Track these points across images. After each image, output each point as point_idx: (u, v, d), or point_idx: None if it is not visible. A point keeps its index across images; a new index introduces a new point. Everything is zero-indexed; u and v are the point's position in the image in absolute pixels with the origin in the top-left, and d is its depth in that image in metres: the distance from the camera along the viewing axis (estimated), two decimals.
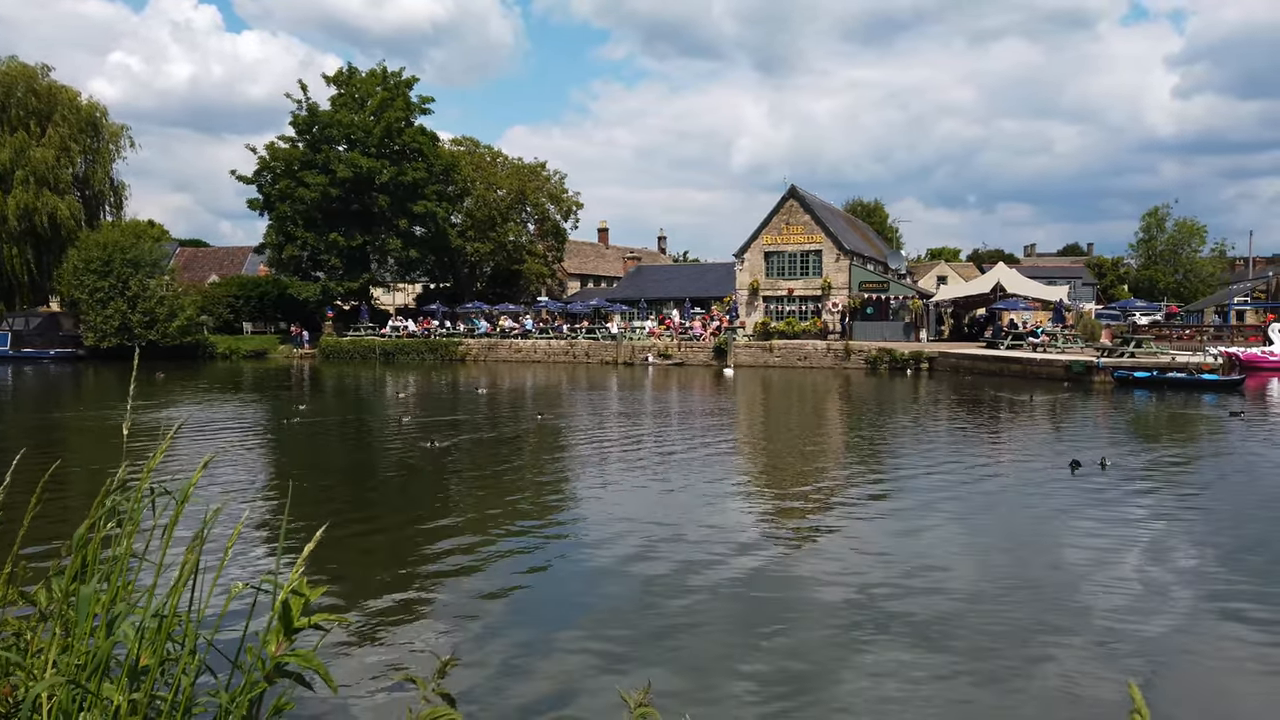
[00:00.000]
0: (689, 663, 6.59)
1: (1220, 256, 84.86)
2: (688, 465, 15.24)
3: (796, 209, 50.92)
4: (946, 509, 11.56)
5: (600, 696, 5.89)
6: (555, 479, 14.35)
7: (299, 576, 2.48)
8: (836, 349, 44.18)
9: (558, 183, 65.67)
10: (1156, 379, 31.21)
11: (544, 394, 30.93)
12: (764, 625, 7.36)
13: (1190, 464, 15.53)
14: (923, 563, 9.05)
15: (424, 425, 20.51)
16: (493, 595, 8.21)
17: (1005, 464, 15.45)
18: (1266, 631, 7.13)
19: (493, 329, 55.13)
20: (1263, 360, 38.71)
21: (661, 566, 8.95)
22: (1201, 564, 9.11)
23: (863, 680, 6.27)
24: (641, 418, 22.96)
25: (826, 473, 14.82)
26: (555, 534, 10.46)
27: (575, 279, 76.16)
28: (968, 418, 23.01)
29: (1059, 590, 8.24)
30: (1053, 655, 6.65)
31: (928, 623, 7.32)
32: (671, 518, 11.11)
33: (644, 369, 44.11)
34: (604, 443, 18.13)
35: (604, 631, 7.25)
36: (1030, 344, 40.83)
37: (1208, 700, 6.02)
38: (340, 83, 57.53)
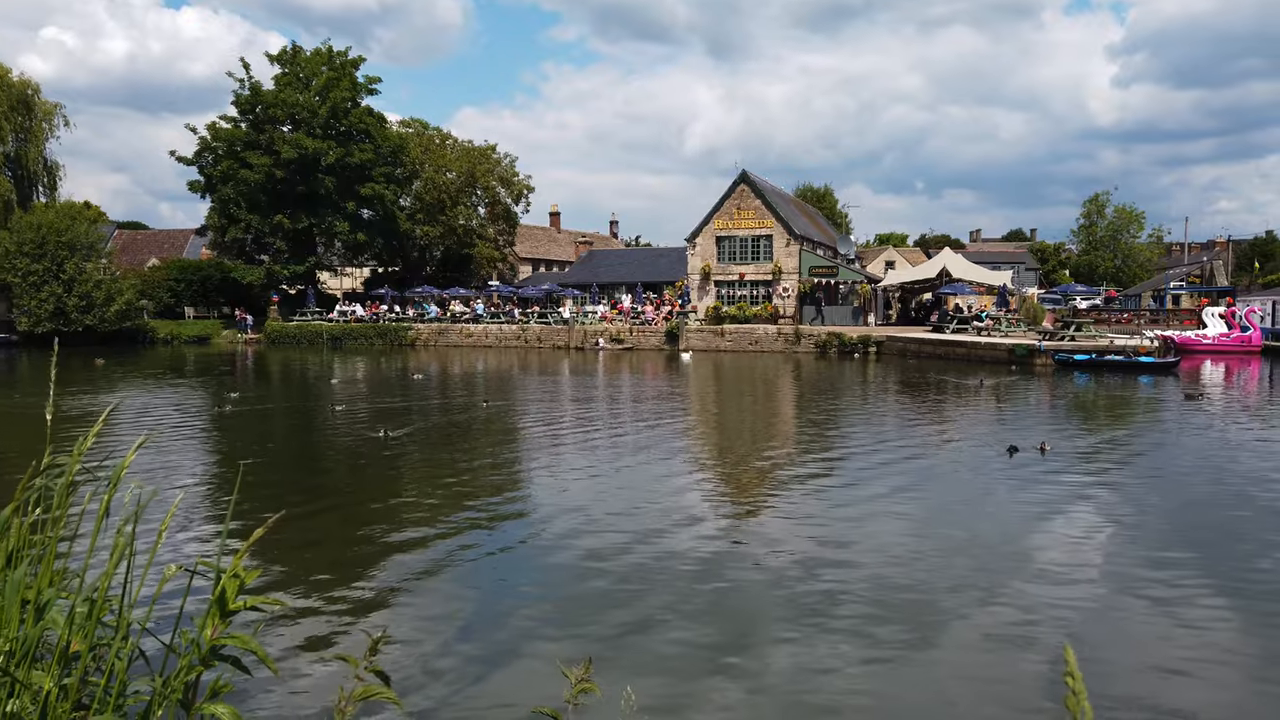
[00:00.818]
0: (634, 640, 6.65)
1: (1157, 242, 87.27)
2: (639, 449, 15.31)
3: (748, 194, 51.15)
4: (891, 491, 11.78)
5: (542, 673, 5.93)
6: (503, 463, 14.32)
7: (237, 560, 2.46)
8: (787, 333, 44.60)
9: (508, 165, 65.07)
10: (1096, 362, 32.09)
11: (495, 379, 30.76)
12: (709, 602, 7.46)
13: (1129, 446, 16.00)
14: (867, 541, 9.23)
15: (360, 412, 20.29)
16: (436, 575, 8.19)
17: (949, 447, 15.78)
18: (1190, 603, 7.42)
19: (443, 313, 54.59)
20: (1196, 343, 40.00)
21: (608, 547, 9.00)
22: (1134, 540, 9.42)
23: (806, 653, 6.39)
24: (593, 402, 22.98)
25: (776, 455, 15.00)
26: (501, 516, 10.45)
27: (527, 263, 75.69)
28: (914, 401, 23.43)
29: (997, 564, 8.46)
30: (990, 624, 6.85)
31: (870, 596, 7.49)
32: (621, 500, 11.17)
33: (595, 354, 44.08)
34: (555, 427, 18.12)
35: (548, 611, 7.29)
36: (975, 328, 41.67)
37: (1134, 665, 6.24)
38: (284, 62, 56.22)
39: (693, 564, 8.50)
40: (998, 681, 6.00)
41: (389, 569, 8.40)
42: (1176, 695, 5.78)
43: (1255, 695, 5.81)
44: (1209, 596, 7.59)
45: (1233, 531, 9.69)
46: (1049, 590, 7.73)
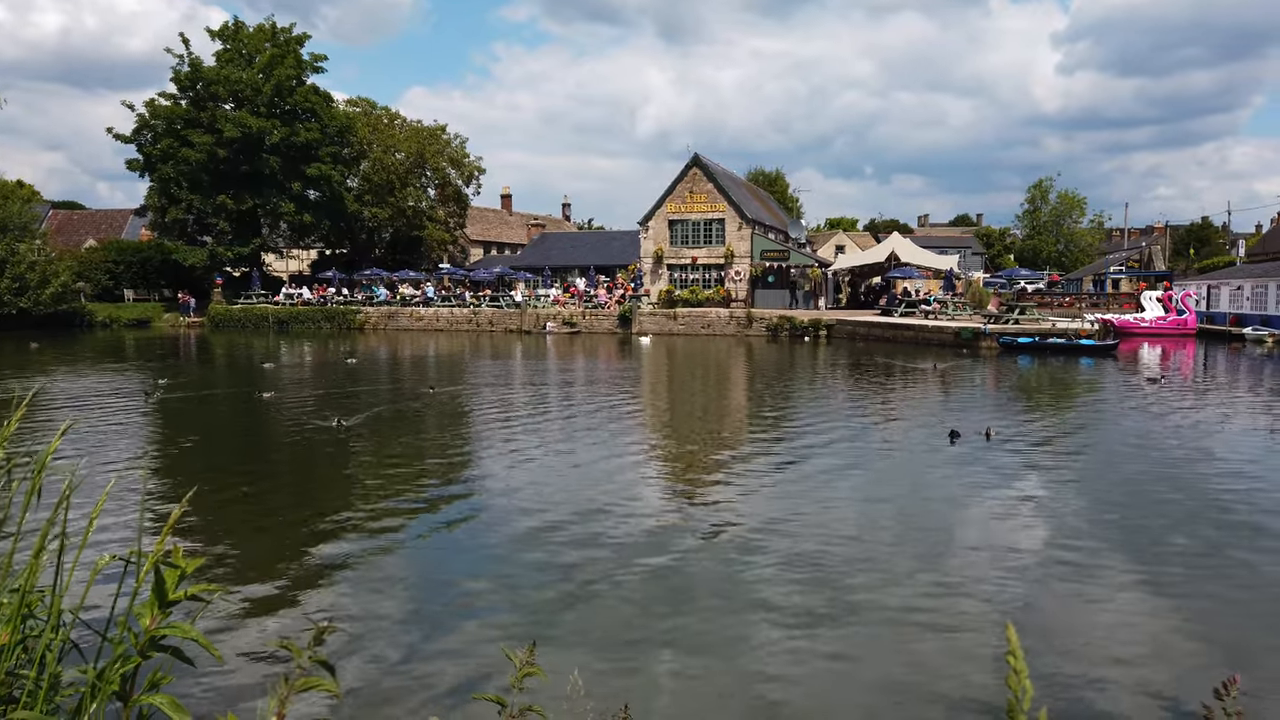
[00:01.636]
0: (582, 622, 6.65)
1: (1098, 228, 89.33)
2: (590, 433, 15.29)
3: (700, 178, 51.19)
4: (838, 474, 11.95)
5: (488, 659, 5.91)
6: (452, 449, 14.19)
7: (176, 547, 2.38)
8: (739, 316, 44.84)
9: (459, 146, 64.27)
10: (1039, 344, 32.84)
11: (446, 363, 30.47)
12: (657, 583, 7.49)
13: (1072, 429, 16.41)
14: (813, 522, 9.34)
15: (293, 400, 19.97)
16: (384, 562, 8.11)
17: (897, 430, 16.03)
18: (1130, 585, 7.65)
19: (393, 297, 53.86)
20: (1135, 326, 41.15)
21: (558, 531, 8.99)
22: (1077, 522, 9.67)
23: (752, 633, 6.45)
24: (546, 386, 22.89)
25: (726, 439, 15.10)
26: (451, 502, 10.38)
27: (478, 246, 74.94)
28: (863, 385, 23.74)
29: (940, 545, 8.63)
30: (933, 603, 6.98)
31: (815, 577, 7.58)
32: (571, 483, 11.17)
33: (544, 337, 43.90)
34: (506, 412, 18.02)
35: (497, 595, 7.26)
36: (922, 311, 42.31)
37: (1071, 643, 6.41)
38: (226, 38, 54.73)
39: (641, 546, 8.53)
40: (940, 659, 6.12)
41: (336, 556, 8.29)
42: (1116, 676, 5.95)
43: (1189, 675, 6.01)
44: (1147, 576, 7.82)
45: (1169, 513, 10.00)
46: (993, 571, 7.90)
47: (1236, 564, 8.05)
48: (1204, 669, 5.87)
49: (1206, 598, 7.26)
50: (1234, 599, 7.23)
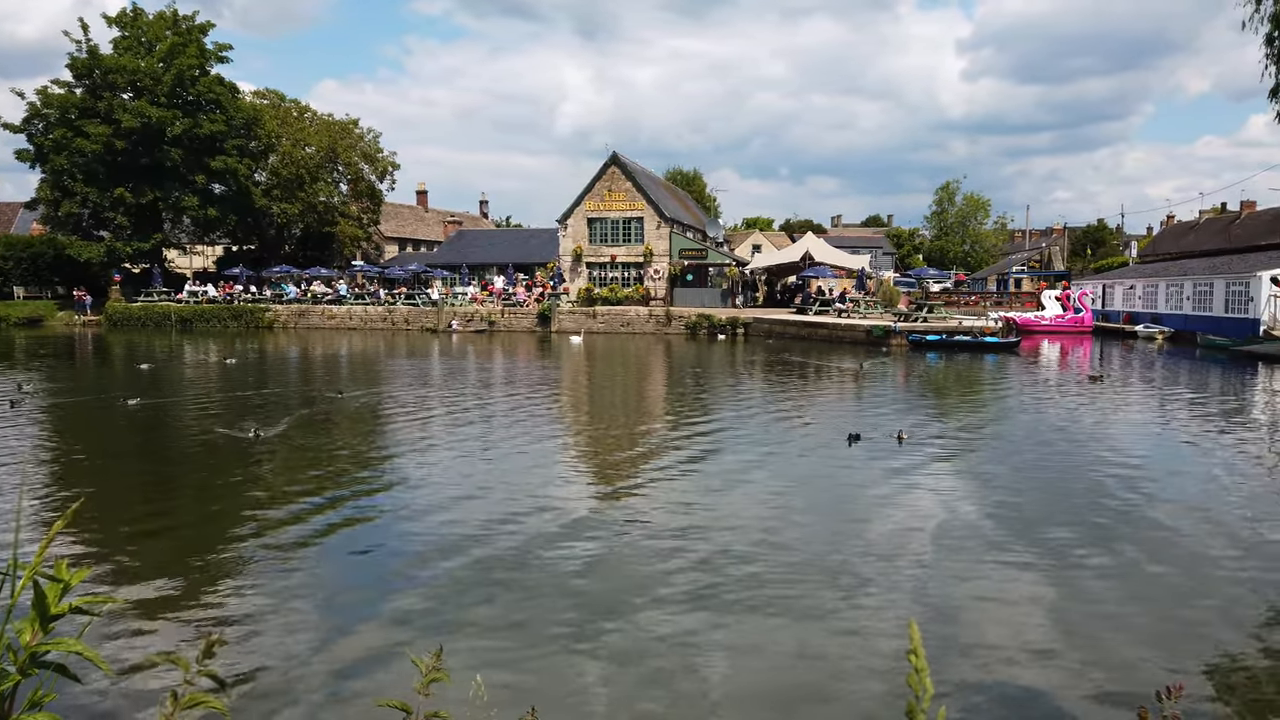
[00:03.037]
0: (494, 625, 6.59)
1: (1002, 229, 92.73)
2: (508, 434, 15.15)
3: (619, 176, 51.27)
4: (753, 473, 12.11)
5: (396, 664, 5.80)
6: (363, 453, 13.86)
7: (59, 560, 2.26)
8: (658, 315, 45.06)
9: (372, 141, 62.93)
10: (946, 342, 33.95)
11: (360, 363, 29.79)
12: (568, 584, 7.47)
13: (980, 426, 16.99)
14: (727, 521, 9.46)
15: (168, 407, 19.29)
16: (289, 569, 7.88)
17: (812, 429, 16.33)
18: (1039, 580, 7.96)
19: (303, 294, 52.41)
20: (1035, 324, 42.85)
21: (468, 531, 8.89)
22: (983, 517, 10.01)
23: (663, 631, 6.48)
24: (464, 386, 22.59)
25: (643, 439, 15.15)
26: (360, 506, 10.15)
27: (393, 243, 73.47)
28: (779, 383, 24.13)
29: (850, 544, 8.82)
30: (843, 602, 7.14)
31: (727, 577, 7.67)
32: (485, 485, 11.05)
33: (463, 336, 43.32)
34: (422, 413, 17.71)
35: (406, 601, 7.12)
36: (836, 310, 43.26)
37: (979, 639, 6.64)
38: (124, 25, 52.31)
39: (554, 547, 8.50)
40: (846, 655, 6.25)
41: (238, 565, 8.02)
42: (1020, 670, 6.18)
43: (1093, 670, 6.26)
44: (1053, 572, 8.14)
45: (1077, 508, 10.44)
46: (901, 568, 8.12)
47: (1139, 555, 8.45)
48: (1115, 662, 6.15)
49: (1109, 590, 7.59)
50: (1137, 590, 7.59)
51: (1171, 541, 8.78)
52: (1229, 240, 53.14)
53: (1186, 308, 40.51)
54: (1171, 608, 7.06)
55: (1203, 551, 8.46)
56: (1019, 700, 5.52)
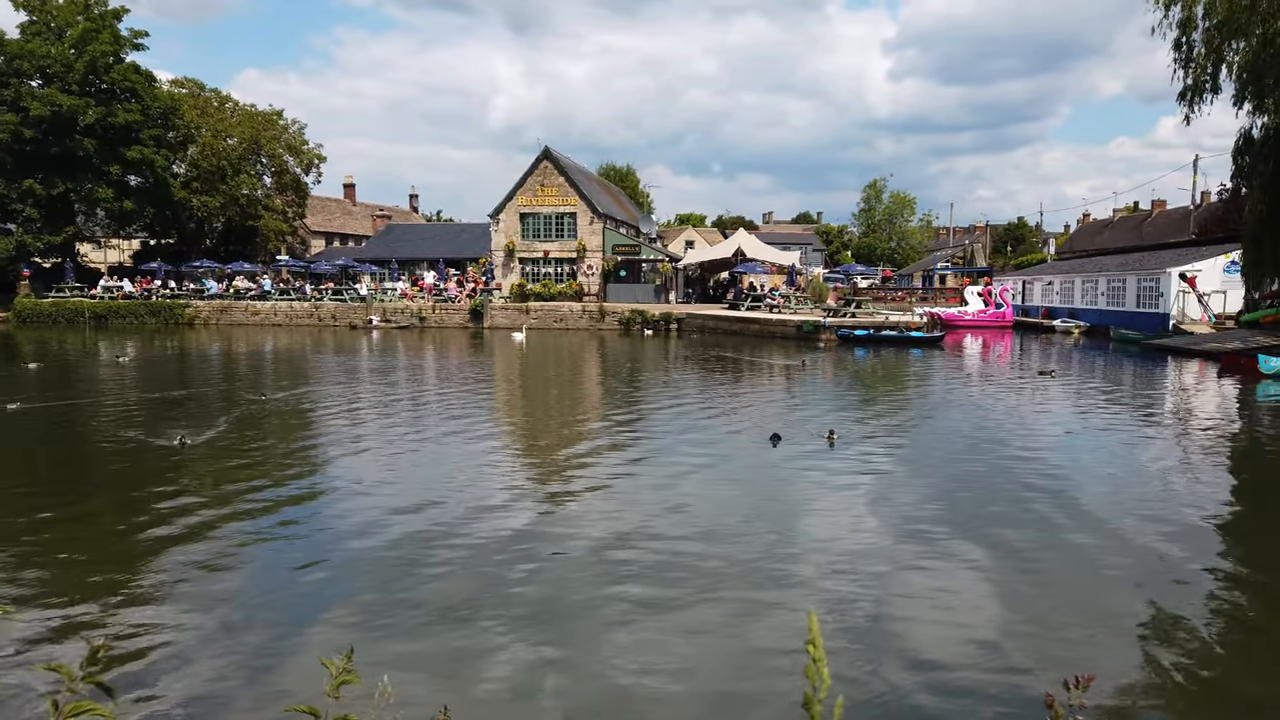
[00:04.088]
0: (413, 627, 6.48)
1: (927, 226, 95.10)
2: (438, 432, 14.95)
3: (551, 171, 50.98)
4: (683, 472, 12.14)
5: (309, 670, 5.68)
6: (288, 454, 13.51)
7: None
8: (592, 310, 44.97)
9: (297, 133, 61.38)
10: (873, 336, 34.64)
11: (285, 361, 29.06)
12: (494, 586, 7.39)
13: (910, 422, 17.36)
14: (653, 522, 9.48)
15: (60, 411, 18.59)
16: (200, 577, 7.63)
17: (743, 426, 16.47)
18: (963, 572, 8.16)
19: (226, 290, 50.89)
20: (959, 319, 44.00)
21: (389, 534, 8.76)
22: (910, 511, 10.23)
23: (581, 632, 6.46)
24: (394, 385, 22.21)
25: (575, 438, 15.10)
26: (284, 507, 9.90)
27: (320, 237, 71.79)
28: (712, 379, 24.28)
29: (779, 542, 8.93)
30: (771, 598, 7.21)
31: (649, 577, 7.69)
32: (418, 486, 10.88)
33: (395, 333, 42.60)
34: (349, 414, 17.36)
35: (325, 607, 6.96)
36: (767, 305, 43.76)
37: (898, 631, 6.78)
38: (31, 9, 49.92)
39: (479, 548, 8.41)
40: (771, 653, 6.30)
41: (148, 570, 7.76)
42: (936, 661, 6.31)
43: (1014, 660, 6.44)
44: (977, 566, 8.35)
45: (995, 502, 10.73)
46: (828, 564, 8.24)
47: (1054, 548, 8.71)
48: (1033, 652, 6.33)
49: (1030, 583, 7.82)
50: (1052, 582, 7.82)
51: (1092, 531, 9.07)
52: (1141, 238, 55.38)
53: (1101, 303, 42.06)
54: (1091, 598, 7.30)
55: (1122, 541, 8.76)
56: (932, 689, 5.63)
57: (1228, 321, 34.77)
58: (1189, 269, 36.45)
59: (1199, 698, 5.62)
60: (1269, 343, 28.08)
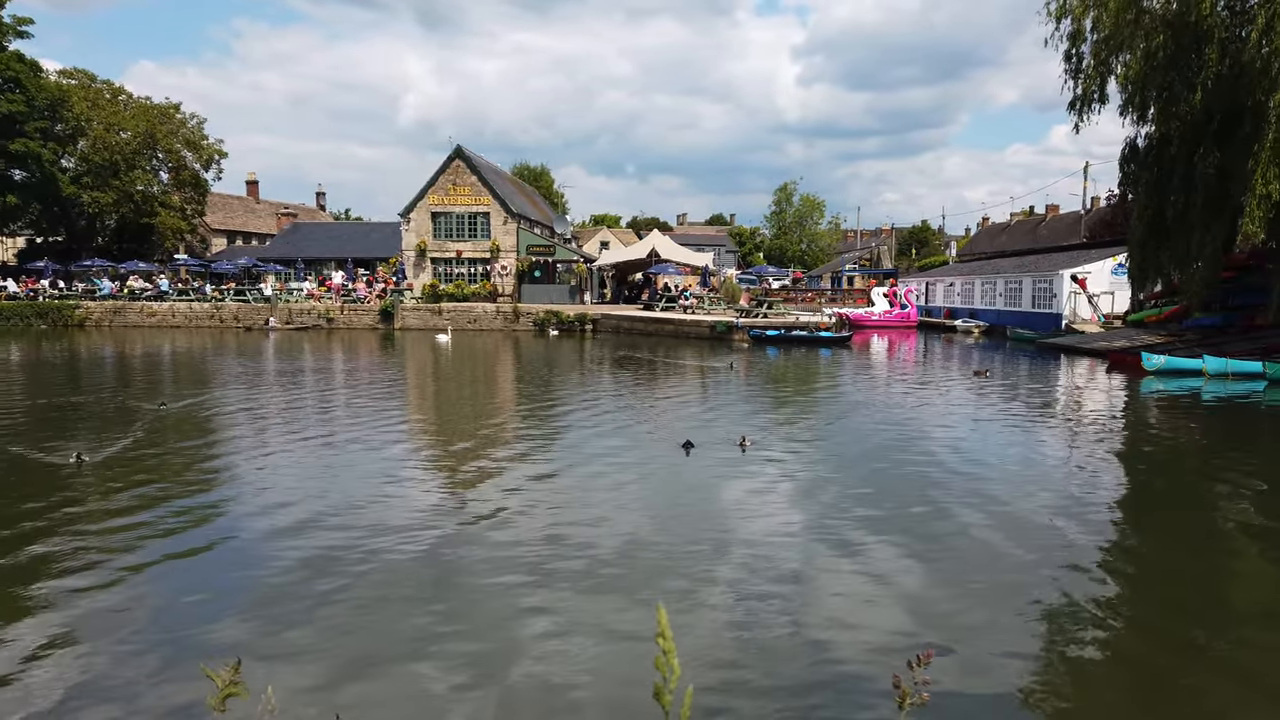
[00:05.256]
0: (312, 636, 6.32)
1: (835, 229, 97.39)
2: (348, 440, 14.57)
3: (463, 170, 50.35)
4: (597, 476, 12.13)
5: (190, 683, 5.49)
6: (189, 465, 12.98)
7: None
8: (506, 311, 44.57)
9: (195, 127, 59.09)
10: (785, 337, 35.29)
11: (184, 365, 27.91)
12: (399, 595, 7.26)
13: (813, 422, 17.70)
14: (565, 529, 9.45)
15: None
16: (97, 589, 7.27)
17: (659, 430, 16.54)
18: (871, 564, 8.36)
19: (120, 290, 48.63)
20: (867, 319, 45.18)
21: (291, 543, 8.50)
22: (809, 509, 10.43)
23: (507, 636, 6.40)
24: (301, 389, 21.57)
25: (489, 442, 14.93)
26: (183, 519, 9.51)
27: (221, 235, 69.25)
28: (627, 381, 24.33)
29: (691, 540, 9.00)
30: (689, 597, 7.27)
31: (557, 583, 7.67)
32: (325, 493, 10.60)
33: (302, 335, 41.39)
34: (254, 421, 16.78)
35: (219, 621, 6.69)
36: (681, 306, 44.12)
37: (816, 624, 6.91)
38: None
39: (380, 555, 8.24)
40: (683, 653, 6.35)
41: (34, 590, 7.34)
42: (807, 652, 6.45)
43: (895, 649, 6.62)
44: (878, 560, 8.56)
45: (897, 499, 11.03)
46: (738, 560, 8.35)
47: (955, 540, 9.01)
48: (916, 644, 6.52)
49: (925, 574, 8.06)
50: (950, 571, 8.08)
51: (991, 521, 9.40)
52: (1036, 241, 57.83)
53: (999, 304, 43.79)
54: (984, 585, 7.57)
55: (1019, 531, 9.09)
56: (810, 678, 5.75)
57: (1115, 321, 36.62)
58: (1080, 271, 38.26)
59: (1070, 677, 5.88)
60: (1153, 341, 29.69)
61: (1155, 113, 27.31)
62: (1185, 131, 25.70)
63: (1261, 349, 25.62)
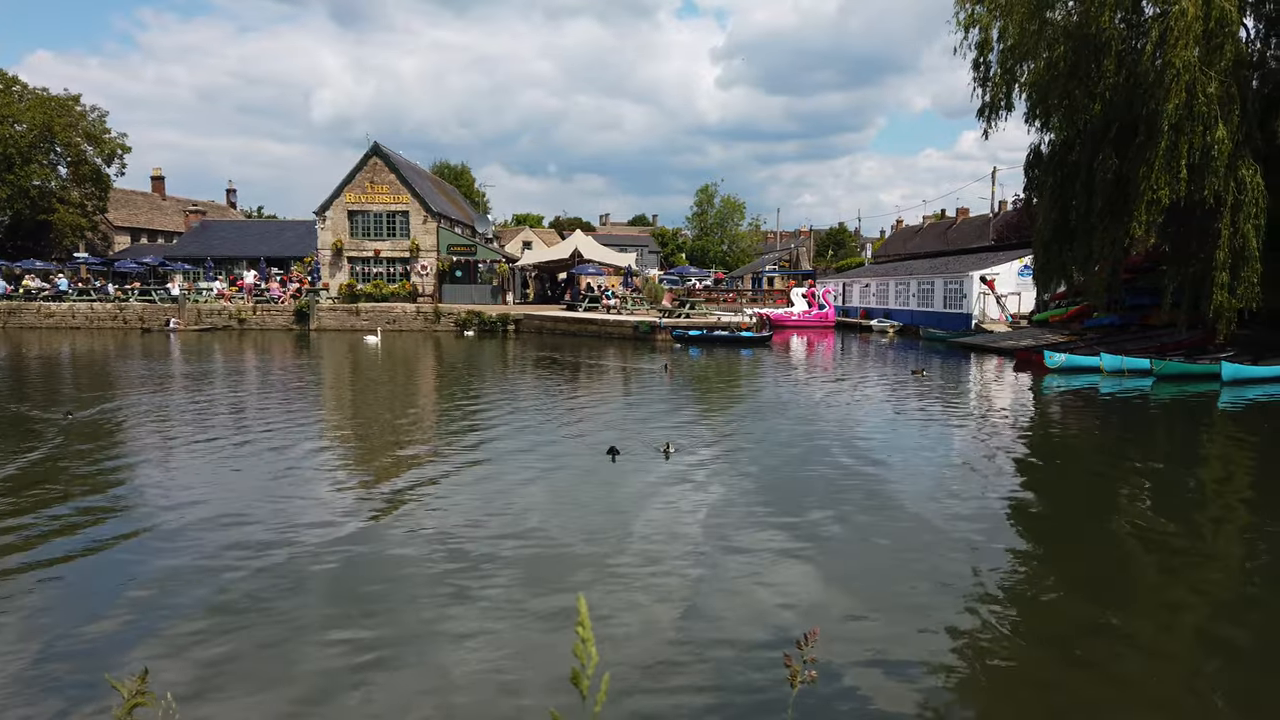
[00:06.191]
0: (225, 646, 6.15)
1: (756, 230, 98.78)
2: (260, 446, 14.16)
3: (381, 168, 49.41)
4: (519, 481, 12.07)
5: (97, 695, 5.31)
6: (92, 474, 12.45)
7: None
8: (426, 311, 43.92)
9: (97, 120, 56.57)
10: (707, 336, 35.65)
11: (85, 368, 26.71)
12: (309, 604, 7.12)
13: (736, 424, 17.93)
14: (489, 533, 9.40)
15: None
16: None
17: (583, 434, 16.54)
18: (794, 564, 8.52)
19: (14, 290, 46.25)
20: (786, 319, 45.97)
21: (213, 552, 8.25)
22: (730, 510, 10.57)
23: (423, 641, 6.34)
24: (212, 392, 20.86)
25: (408, 446, 14.70)
26: (88, 527, 9.12)
27: (124, 233, 66.37)
28: (550, 383, 24.23)
29: (613, 543, 9.05)
30: (615, 597, 7.31)
31: (480, 589, 7.64)
32: (239, 499, 10.29)
33: (171, 336, 40.03)
34: (165, 427, 16.18)
35: (127, 633, 6.47)
36: (604, 306, 44.17)
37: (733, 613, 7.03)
38: None
39: (291, 560, 8.07)
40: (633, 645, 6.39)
41: None
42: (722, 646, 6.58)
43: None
44: (794, 556, 8.74)
45: (814, 497, 11.26)
46: (667, 560, 8.43)
47: (869, 533, 9.25)
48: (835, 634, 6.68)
49: (838, 565, 8.26)
50: (860, 565, 8.30)
51: (902, 514, 9.69)
52: (947, 243, 59.67)
53: (913, 304, 45.06)
54: (892, 578, 7.80)
55: (928, 522, 9.39)
56: (713, 667, 5.87)
57: (1022, 321, 38.09)
58: (989, 272, 39.66)
59: (959, 668, 6.12)
60: (1056, 340, 30.99)
61: (1058, 120, 28.50)
62: (1086, 138, 26.88)
63: (1155, 347, 27.01)
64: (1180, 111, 22.66)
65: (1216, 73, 22.77)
